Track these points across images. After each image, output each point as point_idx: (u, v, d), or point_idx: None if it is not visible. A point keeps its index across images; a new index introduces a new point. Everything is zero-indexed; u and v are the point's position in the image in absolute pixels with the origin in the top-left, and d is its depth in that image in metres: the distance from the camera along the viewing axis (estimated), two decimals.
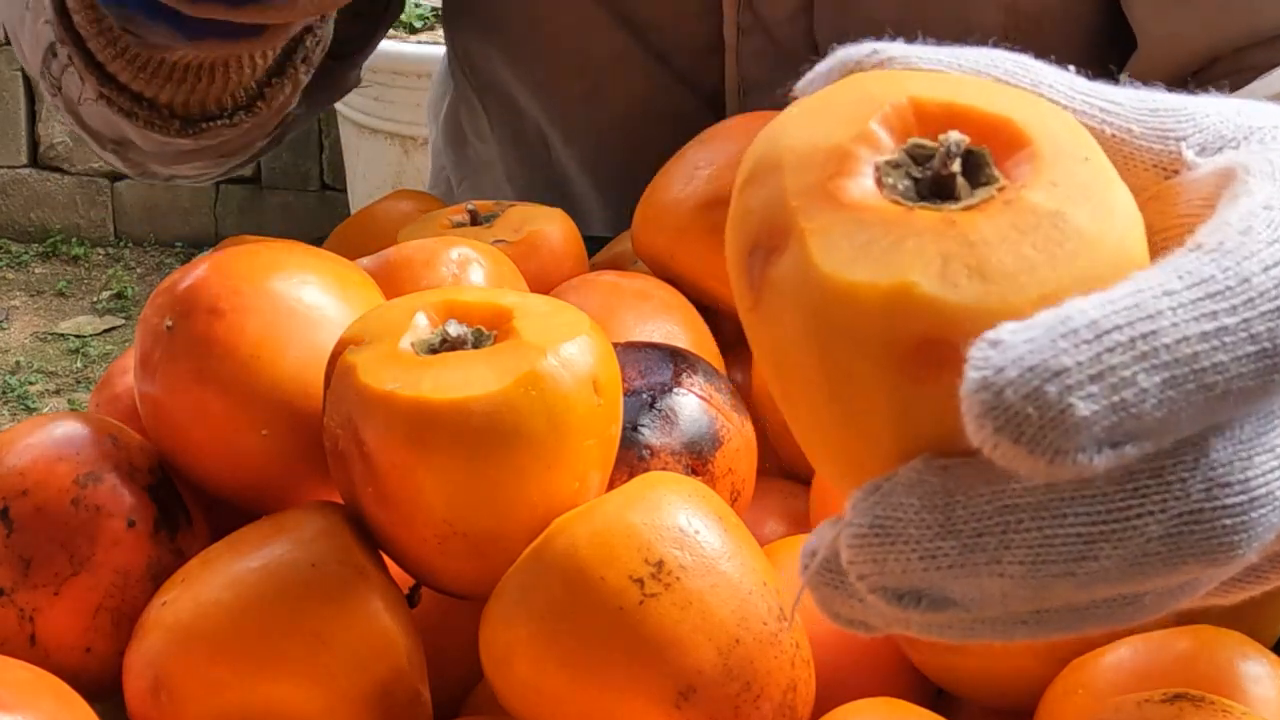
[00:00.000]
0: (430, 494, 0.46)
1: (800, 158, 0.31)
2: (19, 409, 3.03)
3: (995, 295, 0.28)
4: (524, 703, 0.46)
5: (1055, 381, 0.26)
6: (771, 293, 0.31)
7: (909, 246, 0.29)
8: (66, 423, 0.55)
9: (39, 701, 0.45)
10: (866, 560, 0.29)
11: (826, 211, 0.30)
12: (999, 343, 0.27)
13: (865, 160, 0.31)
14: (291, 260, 0.55)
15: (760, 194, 0.32)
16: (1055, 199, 0.30)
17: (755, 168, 0.32)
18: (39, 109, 3.80)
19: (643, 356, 0.57)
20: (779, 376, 0.32)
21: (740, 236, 0.32)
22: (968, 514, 0.28)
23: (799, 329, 0.30)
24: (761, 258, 0.31)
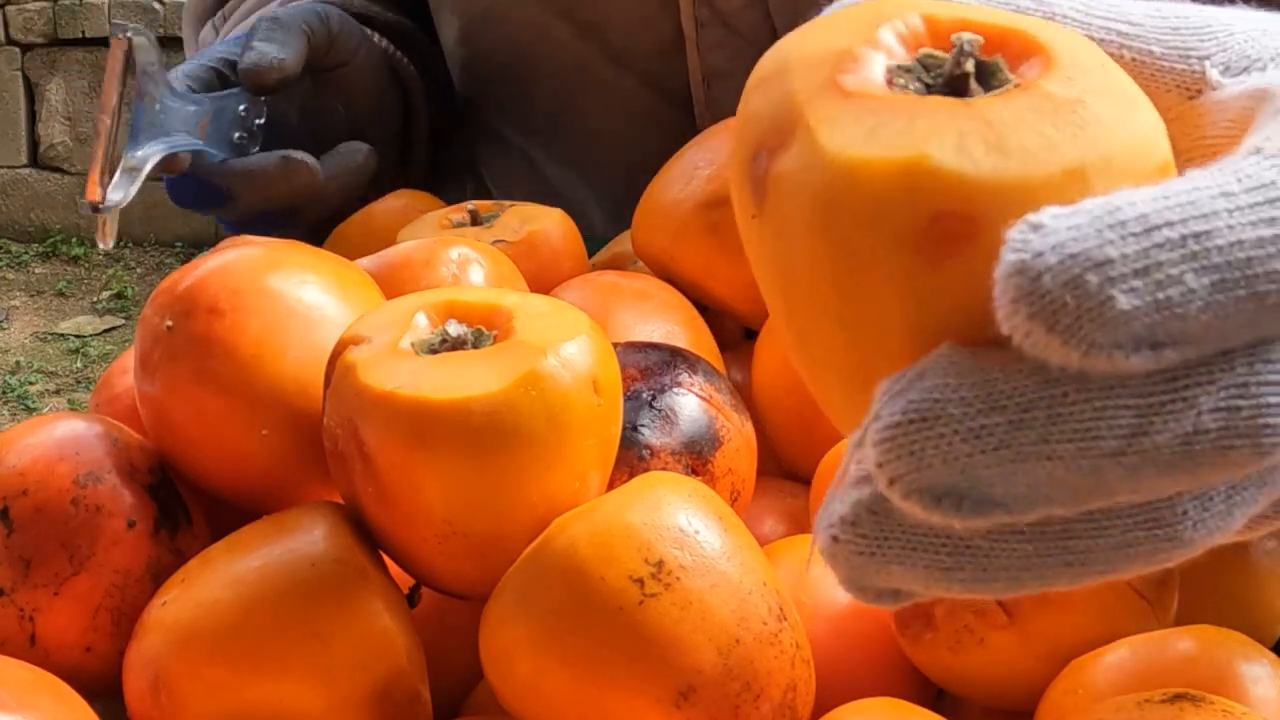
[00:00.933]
0: (430, 494, 0.46)
1: (807, 60, 0.30)
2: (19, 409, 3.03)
3: (1015, 168, 0.27)
4: (524, 703, 0.46)
5: (1097, 271, 0.25)
6: (775, 189, 0.29)
7: (922, 124, 0.28)
8: (66, 423, 0.55)
9: (39, 701, 0.45)
10: (903, 454, 0.27)
11: (834, 101, 0.29)
12: (1040, 226, 0.25)
13: (875, 62, 0.30)
14: (291, 260, 0.55)
15: (766, 97, 0.30)
16: (1074, 89, 0.28)
17: (761, 76, 0.31)
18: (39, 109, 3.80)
19: (643, 356, 0.57)
20: (782, 283, 0.30)
21: (745, 142, 0.31)
22: (1010, 388, 0.26)
23: (805, 220, 0.28)
24: (766, 158, 0.30)
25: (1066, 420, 0.26)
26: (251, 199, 0.79)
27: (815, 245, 0.28)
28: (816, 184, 0.28)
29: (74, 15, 3.70)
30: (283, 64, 0.78)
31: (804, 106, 0.29)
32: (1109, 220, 0.26)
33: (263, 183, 0.78)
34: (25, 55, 3.77)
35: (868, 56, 0.30)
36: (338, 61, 0.85)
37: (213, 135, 0.78)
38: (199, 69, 0.81)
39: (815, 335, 0.30)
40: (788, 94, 0.30)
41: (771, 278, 0.30)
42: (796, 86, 0.30)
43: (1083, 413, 0.26)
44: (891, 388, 0.27)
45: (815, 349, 0.30)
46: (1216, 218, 0.26)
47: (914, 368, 0.27)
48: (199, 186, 0.78)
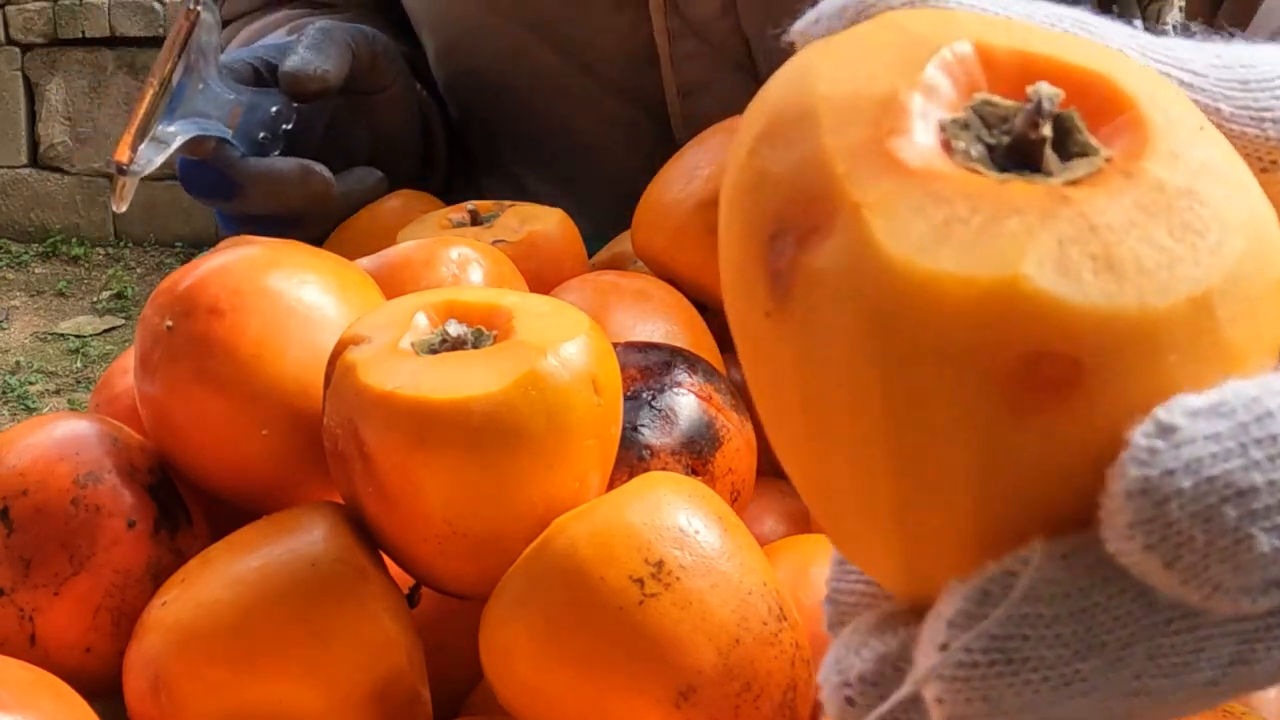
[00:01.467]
0: (430, 494, 0.46)
1: (840, 109, 0.24)
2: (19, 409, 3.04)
3: (1132, 295, 0.22)
4: (524, 703, 0.46)
5: (1238, 504, 0.21)
6: (808, 290, 0.23)
7: (1011, 227, 0.22)
8: (66, 423, 0.55)
9: (39, 701, 0.45)
10: (974, 699, 0.22)
11: (886, 179, 0.23)
12: (1172, 430, 0.21)
13: (925, 116, 0.24)
14: (291, 260, 0.55)
15: (786, 156, 0.24)
16: (1183, 174, 0.23)
17: (775, 119, 0.25)
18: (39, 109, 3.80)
19: (643, 356, 0.57)
20: (804, 403, 0.24)
21: (754, 212, 0.24)
22: (1111, 620, 0.22)
23: (851, 338, 0.22)
24: (793, 243, 0.23)
25: (1166, 654, 0.22)
26: (261, 200, 0.79)
27: (862, 372, 0.22)
28: (871, 296, 0.22)
29: (74, 15, 3.70)
30: (325, 75, 0.78)
31: (845, 179, 0.23)
32: (1258, 432, 0.21)
33: (276, 186, 0.78)
34: (25, 55, 3.77)
35: (916, 106, 0.24)
36: (375, 85, 0.86)
37: (240, 129, 0.78)
38: (239, 62, 0.81)
39: (846, 477, 0.24)
40: (818, 156, 0.23)
41: (787, 392, 0.24)
42: (830, 146, 0.23)
43: (1184, 645, 0.22)
44: (966, 604, 0.22)
45: (841, 491, 0.24)
46: None
47: (996, 575, 0.22)
48: (212, 176, 0.78)
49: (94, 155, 3.74)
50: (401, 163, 0.89)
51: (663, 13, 0.86)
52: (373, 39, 0.84)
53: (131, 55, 3.72)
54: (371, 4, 0.98)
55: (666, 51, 0.87)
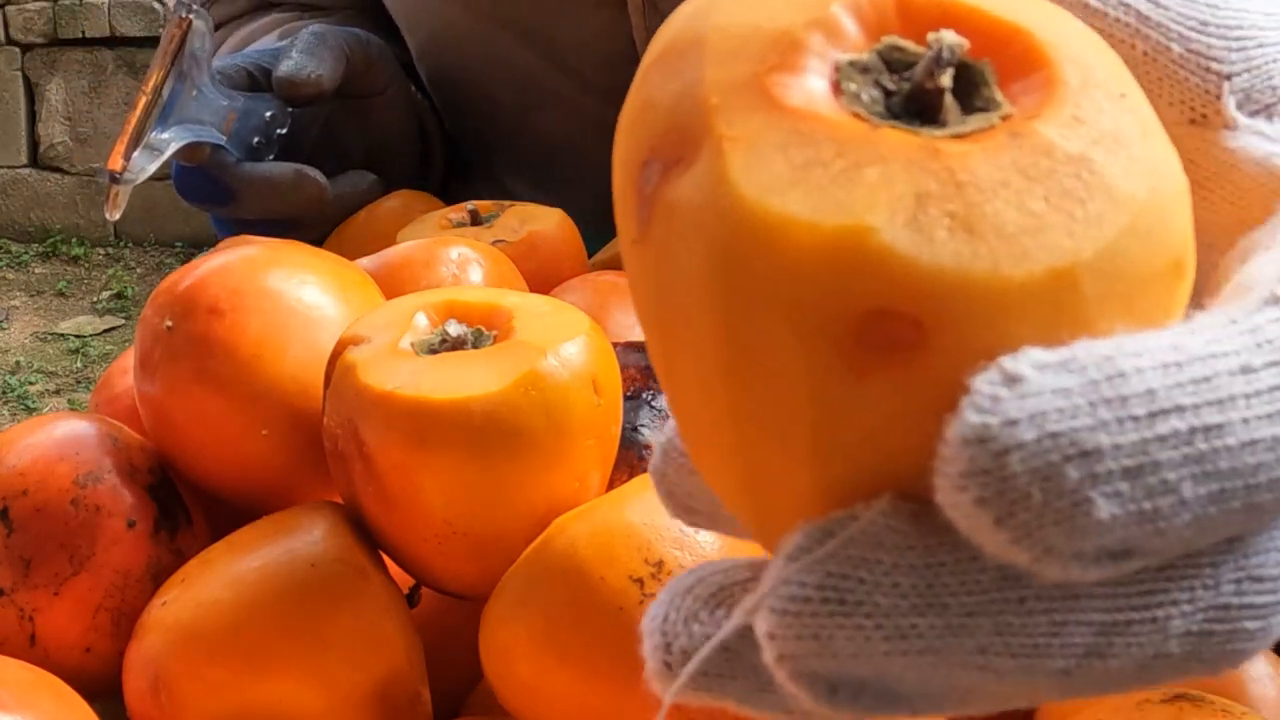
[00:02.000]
0: (430, 494, 0.46)
1: (730, 41, 0.23)
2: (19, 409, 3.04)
3: (985, 259, 0.20)
4: (524, 703, 0.46)
5: (1081, 464, 0.19)
6: (665, 218, 0.22)
7: (870, 176, 0.21)
8: (66, 423, 0.55)
9: (39, 701, 0.45)
10: (805, 635, 0.21)
11: (758, 115, 0.22)
12: (1018, 380, 0.20)
13: (821, 55, 0.23)
14: (291, 260, 0.55)
15: (669, 85, 0.23)
16: (1079, 140, 0.22)
17: (667, 48, 0.24)
18: (39, 109, 3.80)
19: (643, 356, 0.57)
20: (660, 336, 0.23)
21: (633, 140, 0.23)
22: (956, 582, 0.21)
23: (697, 274, 0.21)
24: (659, 171, 0.23)
25: (1016, 633, 0.21)
26: (255, 205, 0.79)
27: (706, 309, 0.21)
28: (716, 233, 0.21)
29: (74, 15, 3.70)
30: (319, 79, 0.78)
31: (715, 112, 0.22)
32: (1108, 391, 0.20)
33: (271, 191, 0.79)
34: (25, 55, 3.77)
35: (812, 44, 0.23)
36: (370, 89, 0.85)
37: (234, 134, 0.78)
38: (233, 67, 0.82)
39: (697, 412, 0.23)
40: (696, 87, 0.23)
41: (648, 320, 0.24)
42: (710, 78, 0.22)
43: (1036, 626, 0.21)
44: (808, 542, 0.21)
45: (696, 423, 0.23)
46: (1233, 407, 0.20)
47: (841, 521, 0.21)
48: (206, 181, 0.79)
49: (94, 155, 3.74)
50: (397, 165, 0.89)
51: (641, 12, 0.86)
52: (367, 42, 0.84)
53: (131, 55, 3.72)
54: (362, 6, 0.98)
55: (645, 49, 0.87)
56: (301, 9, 0.99)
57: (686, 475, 0.27)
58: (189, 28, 0.74)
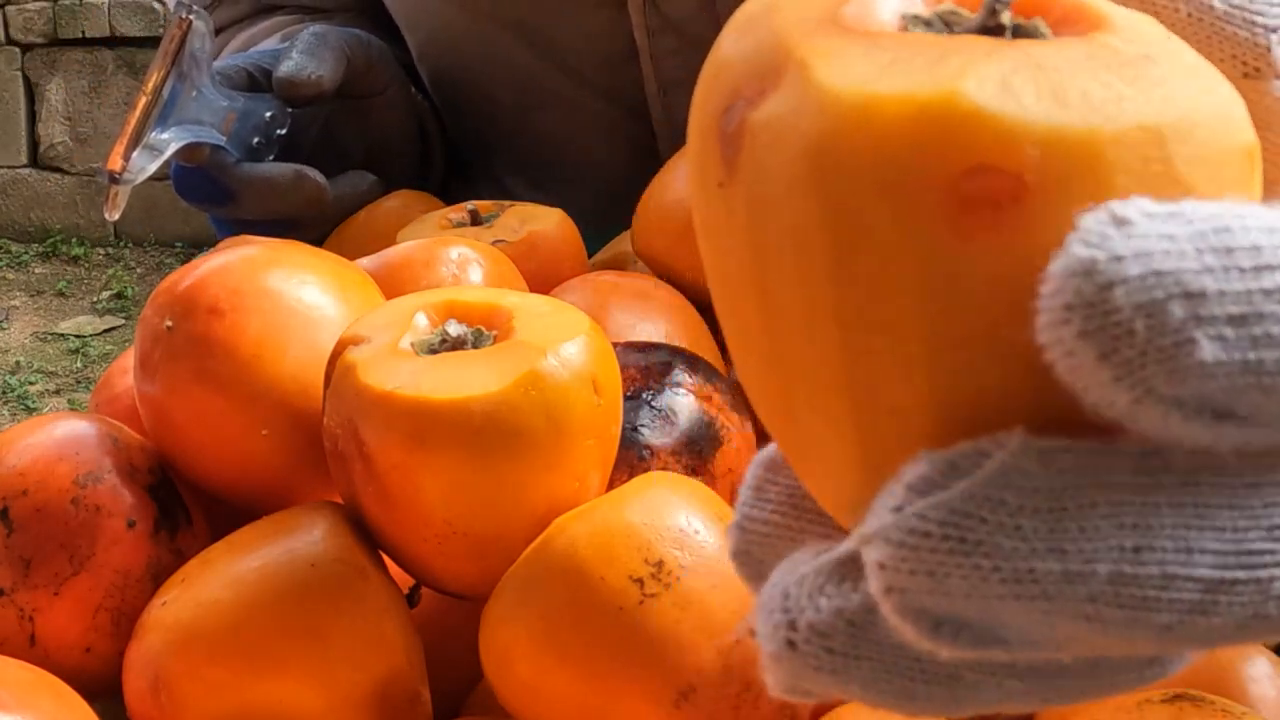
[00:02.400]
0: (430, 494, 0.46)
1: (800, 2, 0.23)
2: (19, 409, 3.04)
3: (1076, 115, 0.21)
4: (524, 703, 0.46)
5: (1186, 303, 0.19)
6: (753, 143, 0.22)
7: (955, 61, 0.21)
8: (66, 423, 0.55)
9: (39, 701, 0.45)
10: (919, 570, 0.21)
11: (836, 38, 0.22)
12: (1126, 221, 0.20)
13: (884, 5, 0.23)
14: (291, 260, 0.55)
15: (743, 41, 0.24)
16: (1138, 46, 0.22)
17: (737, 20, 0.24)
18: (39, 109, 3.80)
19: (643, 356, 0.57)
20: (756, 270, 0.23)
21: (710, 96, 0.24)
22: (1078, 530, 0.20)
23: (793, 178, 0.21)
24: (742, 107, 0.23)
25: (1129, 584, 0.21)
26: (255, 205, 0.79)
27: (804, 211, 0.21)
28: (810, 131, 0.21)
29: (74, 15, 3.70)
30: (319, 80, 0.78)
31: (796, 44, 0.22)
32: (1215, 241, 0.20)
33: (270, 192, 0.79)
34: (25, 55, 3.77)
35: (878, 3, 0.23)
36: (370, 90, 0.86)
37: (234, 134, 0.78)
38: (233, 68, 0.82)
39: (797, 348, 0.22)
40: (773, 33, 0.23)
41: (739, 265, 0.23)
42: (785, 24, 0.23)
43: (1149, 579, 0.21)
44: (931, 471, 0.21)
45: (792, 371, 0.23)
46: None
47: (969, 457, 0.21)
48: (206, 182, 0.79)
49: (94, 155, 3.74)
50: (397, 166, 0.89)
51: (641, 9, 0.86)
52: (368, 43, 0.84)
53: (131, 55, 3.72)
54: (364, 8, 0.98)
55: (646, 49, 0.87)
56: (303, 12, 0.99)
57: (774, 544, 0.26)
58: (189, 28, 0.74)
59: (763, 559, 0.26)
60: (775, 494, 0.26)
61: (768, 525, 0.26)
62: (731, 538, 0.27)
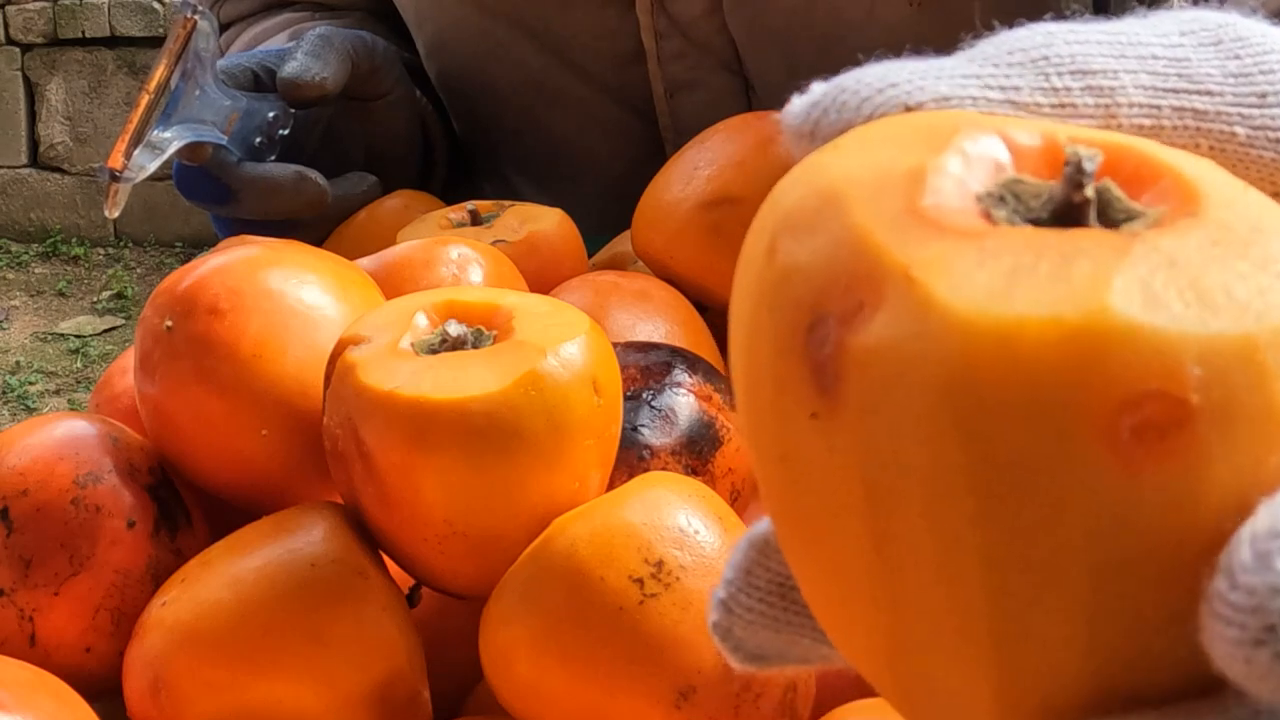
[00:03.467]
0: (430, 494, 0.46)
1: (866, 187, 0.21)
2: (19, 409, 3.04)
3: (1230, 323, 0.19)
4: (524, 703, 0.46)
5: None
6: (861, 370, 0.20)
7: (1084, 268, 0.19)
8: (66, 423, 0.55)
9: (39, 701, 0.45)
10: None
11: (933, 241, 0.20)
12: None
13: (956, 187, 0.21)
14: (291, 260, 0.55)
15: (812, 243, 0.21)
16: (1244, 217, 0.21)
17: (793, 212, 0.22)
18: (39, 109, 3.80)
19: (643, 356, 0.57)
20: (873, 518, 0.20)
21: (788, 309, 0.21)
22: None
23: (923, 414, 0.19)
24: (836, 327, 0.20)
25: None
26: (255, 205, 0.79)
27: (942, 450, 0.19)
28: (940, 359, 0.19)
29: (74, 15, 3.70)
30: (323, 82, 0.78)
31: (888, 249, 0.20)
32: None
33: (271, 193, 0.79)
34: (25, 55, 3.77)
35: (944, 180, 0.21)
36: (374, 93, 0.86)
37: (236, 134, 0.78)
38: (238, 67, 0.82)
39: (926, 585, 0.20)
40: (852, 233, 0.21)
41: (841, 503, 0.21)
42: (863, 221, 0.21)
43: None
44: None
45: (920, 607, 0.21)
46: None
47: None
48: (207, 181, 0.79)
49: (94, 155, 3.74)
50: (399, 170, 0.89)
51: (650, 11, 0.86)
52: (373, 46, 0.84)
53: (131, 55, 3.72)
54: (373, 7, 0.98)
55: (653, 50, 0.87)
56: (313, 8, 0.99)
57: (756, 629, 0.26)
58: (194, 28, 0.74)
59: (743, 639, 0.26)
60: (764, 581, 0.26)
61: (752, 613, 0.26)
62: (715, 612, 0.26)
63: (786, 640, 0.26)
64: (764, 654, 0.27)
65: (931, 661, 0.21)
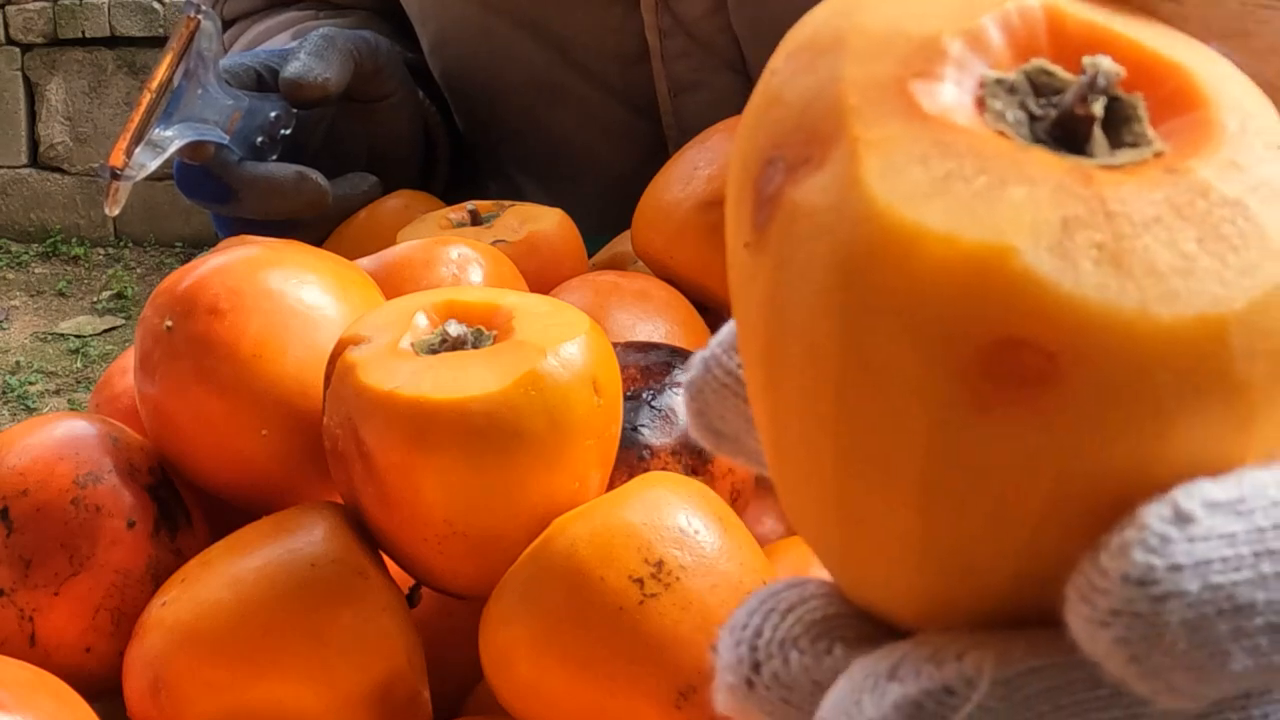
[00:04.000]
0: (430, 494, 0.46)
1: (872, 42, 0.21)
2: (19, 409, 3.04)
3: (1133, 296, 0.19)
4: (524, 703, 0.46)
5: (1232, 619, 0.19)
6: (787, 221, 0.21)
7: (1015, 195, 0.20)
8: (66, 423, 0.55)
9: (39, 701, 0.45)
10: None
11: (897, 120, 0.20)
12: (1189, 520, 0.19)
13: (965, 68, 0.21)
14: (291, 260, 0.55)
15: (801, 80, 0.22)
16: (1236, 184, 0.20)
17: (802, 44, 0.22)
18: (39, 109, 3.80)
19: (643, 356, 0.57)
20: (767, 354, 0.22)
21: (757, 136, 0.22)
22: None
23: (817, 282, 0.20)
24: (783, 170, 0.21)
25: None
26: (256, 205, 0.79)
27: (821, 321, 0.20)
28: (844, 238, 0.20)
29: (74, 15, 3.70)
30: (325, 82, 0.78)
31: (852, 113, 0.21)
32: (1272, 542, 0.19)
33: (272, 192, 0.79)
34: (25, 55, 3.77)
35: (958, 55, 0.21)
36: (377, 94, 0.86)
37: (238, 133, 0.78)
38: (240, 67, 0.82)
39: (794, 438, 0.22)
40: (835, 83, 0.21)
41: (753, 333, 0.22)
42: (848, 76, 0.21)
43: None
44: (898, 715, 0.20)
45: (789, 453, 0.22)
46: None
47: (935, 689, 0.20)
48: (207, 180, 0.79)
49: (94, 155, 3.74)
50: (400, 172, 0.89)
51: (654, 10, 0.86)
52: (376, 46, 0.84)
53: (131, 55, 3.72)
54: (378, 5, 0.98)
55: (657, 49, 0.87)
56: (317, 7, 0.99)
57: (725, 396, 0.26)
58: (197, 27, 0.74)
59: (710, 403, 0.26)
60: None
61: (730, 377, 0.26)
62: (694, 369, 0.26)
63: (746, 424, 0.26)
64: (722, 430, 0.27)
65: (798, 502, 0.22)
